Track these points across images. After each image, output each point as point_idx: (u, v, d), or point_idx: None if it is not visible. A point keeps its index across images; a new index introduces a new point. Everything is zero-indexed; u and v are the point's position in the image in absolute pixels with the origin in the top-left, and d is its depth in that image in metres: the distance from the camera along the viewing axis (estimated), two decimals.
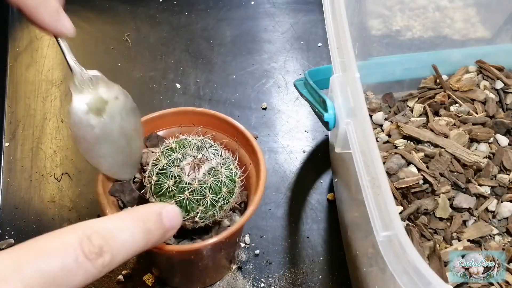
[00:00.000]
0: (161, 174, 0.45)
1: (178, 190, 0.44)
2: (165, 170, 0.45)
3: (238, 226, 0.47)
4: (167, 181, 0.44)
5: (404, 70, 0.67)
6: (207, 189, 0.45)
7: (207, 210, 0.45)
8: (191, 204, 0.45)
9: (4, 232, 0.62)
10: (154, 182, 0.45)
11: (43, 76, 0.78)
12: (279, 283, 0.59)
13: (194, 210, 0.45)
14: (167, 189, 0.44)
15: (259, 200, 0.48)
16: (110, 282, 0.58)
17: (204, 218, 0.46)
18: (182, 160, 0.45)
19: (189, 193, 0.44)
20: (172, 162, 0.45)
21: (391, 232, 0.37)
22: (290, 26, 0.86)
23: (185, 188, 0.44)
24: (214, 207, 0.45)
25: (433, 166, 0.57)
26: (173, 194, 0.44)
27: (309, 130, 0.73)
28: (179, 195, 0.44)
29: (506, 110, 0.64)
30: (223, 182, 0.46)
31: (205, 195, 0.45)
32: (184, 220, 0.45)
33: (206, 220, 0.46)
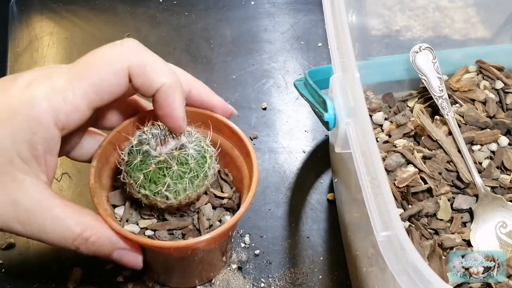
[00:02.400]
0: (131, 152, 0.47)
1: (145, 163, 0.45)
2: (134, 149, 0.46)
3: (230, 224, 0.47)
4: (136, 157, 0.46)
5: (404, 70, 0.67)
6: (173, 161, 0.45)
7: (175, 182, 0.45)
8: (157, 175, 0.45)
9: (4, 232, 0.62)
10: (125, 162, 0.47)
11: None
12: (279, 283, 0.59)
13: (161, 180, 0.45)
14: (135, 164, 0.46)
15: (250, 199, 0.48)
16: (110, 282, 0.58)
17: (175, 193, 0.46)
18: (151, 139, 0.46)
19: (155, 165, 0.45)
20: (141, 142, 0.46)
21: (391, 232, 0.37)
22: (290, 26, 0.86)
23: (151, 160, 0.45)
24: (182, 179, 0.45)
25: (431, 167, 0.57)
26: (140, 168, 0.45)
27: (309, 130, 0.73)
28: (147, 167, 0.45)
29: (506, 110, 0.64)
30: (191, 155, 0.46)
31: (171, 166, 0.45)
32: (154, 195, 0.46)
33: (178, 196, 0.46)
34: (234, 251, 0.61)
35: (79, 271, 0.59)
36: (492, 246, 0.53)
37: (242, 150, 0.52)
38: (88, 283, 0.59)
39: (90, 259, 0.60)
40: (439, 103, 0.61)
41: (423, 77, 0.63)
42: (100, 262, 0.60)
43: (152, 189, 0.45)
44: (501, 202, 0.55)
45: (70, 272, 0.59)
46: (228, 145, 0.53)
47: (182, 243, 0.46)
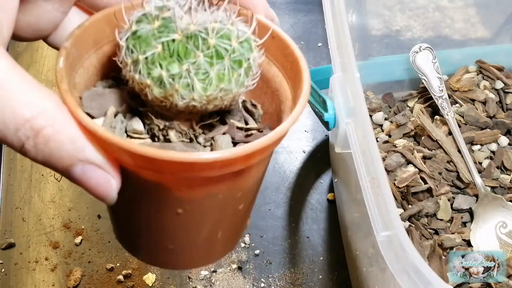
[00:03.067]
0: (142, 20, 0.29)
1: (165, 33, 0.28)
2: (148, 15, 0.29)
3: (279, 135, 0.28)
4: (151, 23, 0.28)
5: (404, 70, 0.67)
6: (210, 32, 0.28)
7: (211, 62, 0.28)
8: (185, 47, 0.28)
9: (4, 232, 0.62)
10: (131, 31, 0.29)
11: (43, 76, 0.78)
12: (279, 283, 0.59)
13: (191, 57, 0.28)
14: (150, 31, 0.28)
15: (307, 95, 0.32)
16: (110, 282, 0.58)
17: (206, 82, 0.28)
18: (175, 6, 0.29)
19: (183, 35, 0.28)
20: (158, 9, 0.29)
21: (391, 232, 0.37)
22: (290, 26, 0.86)
23: (176, 29, 0.28)
24: (221, 59, 0.28)
25: (431, 167, 0.57)
26: (158, 36, 0.28)
27: (309, 130, 0.73)
28: (167, 35, 0.28)
29: (506, 110, 0.64)
30: (234, 31, 0.29)
31: (207, 38, 0.28)
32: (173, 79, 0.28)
33: (209, 88, 0.29)
34: (234, 251, 0.61)
35: (79, 271, 0.59)
36: (492, 246, 0.53)
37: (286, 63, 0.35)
38: (88, 283, 0.59)
39: (90, 260, 0.60)
40: (439, 103, 0.61)
41: (423, 77, 0.63)
42: (100, 261, 0.60)
43: (171, 69, 0.28)
44: (501, 202, 0.55)
45: (70, 272, 0.59)
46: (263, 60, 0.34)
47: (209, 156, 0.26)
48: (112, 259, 0.60)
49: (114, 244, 0.62)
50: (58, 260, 0.60)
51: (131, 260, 0.60)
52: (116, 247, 0.61)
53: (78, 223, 0.63)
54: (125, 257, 0.60)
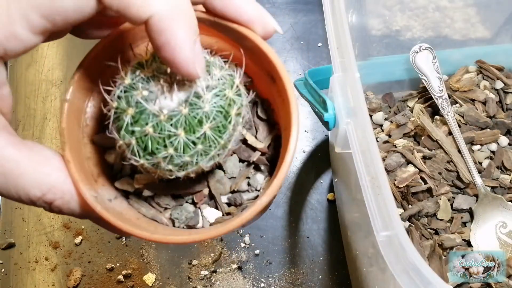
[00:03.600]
0: (121, 98, 0.31)
1: (139, 123, 0.31)
2: (127, 93, 0.31)
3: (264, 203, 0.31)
4: (127, 109, 0.31)
5: (404, 70, 0.67)
6: (179, 124, 0.30)
7: (180, 154, 0.31)
8: (155, 144, 0.31)
9: (4, 232, 0.62)
10: (114, 109, 0.32)
11: (43, 76, 0.78)
12: (279, 283, 0.59)
13: (160, 152, 0.31)
14: (125, 121, 0.31)
15: (289, 160, 0.33)
16: (110, 282, 0.58)
17: (178, 166, 0.32)
18: (152, 80, 0.31)
19: (152, 129, 0.30)
20: (137, 82, 0.31)
21: (391, 232, 0.37)
22: (290, 26, 0.86)
23: (147, 120, 0.30)
24: (190, 150, 0.31)
25: (431, 167, 0.57)
26: (132, 129, 0.31)
27: (309, 130, 0.73)
28: (140, 130, 0.30)
29: (506, 110, 0.64)
30: (206, 114, 0.31)
31: (175, 133, 0.30)
32: (153, 166, 0.32)
33: (184, 169, 0.32)
34: (234, 251, 0.61)
35: (79, 271, 0.59)
36: (492, 246, 0.53)
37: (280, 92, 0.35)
38: (88, 283, 0.59)
39: (90, 260, 0.60)
40: (439, 103, 0.61)
41: (423, 77, 0.63)
42: (100, 261, 0.60)
43: (148, 159, 0.31)
44: (501, 202, 0.55)
45: (70, 272, 0.59)
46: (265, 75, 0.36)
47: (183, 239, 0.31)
48: (112, 259, 0.60)
49: (114, 244, 0.62)
50: (58, 260, 0.60)
51: (131, 260, 0.60)
52: (116, 247, 0.61)
53: (78, 223, 0.63)
54: (125, 257, 0.60)
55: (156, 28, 0.28)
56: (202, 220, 0.35)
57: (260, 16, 0.33)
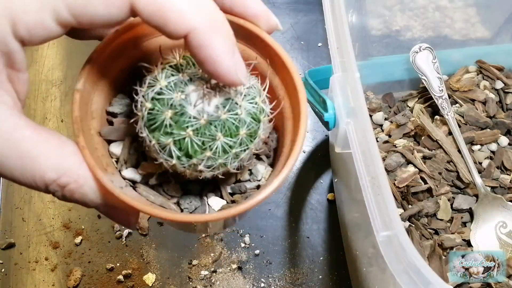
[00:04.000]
0: (157, 100, 0.33)
1: (178, 125, 0.32)
2: (163, 95, 0.32)
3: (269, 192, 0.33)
4: (164, 111, 0.32)
5: (404, 70, 0.67)
6: (219, 128, 0.32)
7: (216, 157, 0.33)
8: (195, 147, 0.32)
9: (4, 232, 0.62)
10: (148, 110, 0.33)
11: (43, 76, 0.78)
12: (279, 283, 0.59)
13: (198, 155, 0.32)
14: (163, 122, 0.32)
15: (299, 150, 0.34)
16: (110, 282, 0.58)
17: (211, 168, 0.34)
18: (189, 84, 0.33)
19: (193, 132, 0.32)
20: (174, 85, 0.33)
21: (391, 232, 0.37)
22: (290, 26, 0.86)
23: (188, 123, 0.32)
24: (226, 154, 0.33)
25: (431, 167, 0.57)
26: (170, 131, 0.32)
27: (309, 130, 0.73)
28: (179, 133, 0.32)
29: (506, 110, 0.64)
30: (243, 120, 0.33)
31: (215, 137, 0.32)
32: (185, 167, 0.33)
33: (215, 170, 0.34)
34: (234, 251, 0.61)
35: (79, 271, 0.59)
36: (492, 246, 0.53)
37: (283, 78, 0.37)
38: (88, 283, 0.59)
39: (90, 260, 0.60)
40: (439, 103, 0.61)
41: (423, 77, 0.63)
42: (100, 261, 0.60)
43: (183, 161, 0.33)
44: (501, 202, 0.55)
45: (70, 272, 0.59)
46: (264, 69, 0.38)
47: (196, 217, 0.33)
48: (112, 259, 0.60)
49: (114, 244, 0.62)
50: (58, 260, 0.60)
51: (131, 260, 0.60)
52: (116, 247, 0.61)
53: (78, 223, 0.63)
54: (125, 257, 0.60)
55: (196, 44, 0.29)
56: (208, 208, 0.36)
57: (265, 12, 0.35)
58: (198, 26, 0.29)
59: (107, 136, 0.36)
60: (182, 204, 0.36)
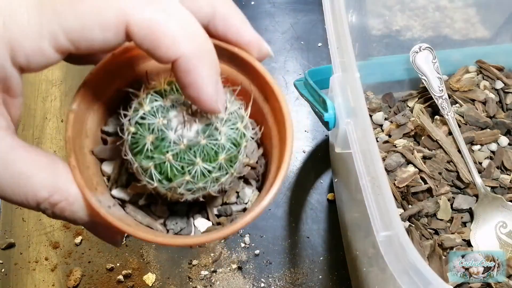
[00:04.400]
0: (140, 125, 0.34)
1: (159, 150, 0.33)
2: (146, 120, 0.34)
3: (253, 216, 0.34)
4: (146, 136, 0.33)
5: (404, 70, 0.67)
6: (198, 153, 0.33)
7: (195, 181, 0.34)
8: (174, 171, 0.33)
9: (4, 232, 0.62)
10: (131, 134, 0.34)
11: (43, 76, 0.78)
12: (279, 283, 0.59)
13: (178, 179, 0.34)
14: (145, 146, 0.33)
15: (282, 178, 0.35)
16: (110, 282, 0.58)
17: (191, 191, 0.35)
18: (171, 109, 0.34)
19: (173, 156, 0.33)
20: (156, 111, 0.34)
21: (391, 232, 0.37)
22: (290, 26, 0.86)
23: (168, 148, 0.33)
24: (205, 178, 0.34)
25: (431, 167, 0.57)
26: (151, 155, 0.33)
27: (309, 130, 0.73)
28: (159, 157, 0.33)
29: (506, 110, 0.64)
30: (222, 145, 0.34)
31: (194, 162, 0.33)
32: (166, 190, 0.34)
33: (195, 193, 0.35)
34: (234, 251, 0.61)
35: (79, 271, 0.59)
36: (492, 246, 0.53)
37: (274, 110, 0.38)
38: (88, 283, 0.59)
39: (90, 260, 0.60)
40: (439, 103, 0.61)
41: (423, 77, 0.63)
42: (100, 261, 0.60)
43: (164, 184, 0.34)
44: (501, 202, 0.55)
45: (70, 272, 0.59)
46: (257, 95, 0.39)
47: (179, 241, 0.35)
48: (112, 259, 0.60)
49: None
50: (58, 260, 0.60)
51: (131, 260, 0.60)
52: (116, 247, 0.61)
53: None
54: (125, 257, 0.60)
55: (183, 69, 0.31)
56: (194, 229, 0.37)
57: (257, 40, 0.36)
58: (187, 52, 0.30)
59: (100, 155, 0.37)
60: (168, 225, 0.37)
